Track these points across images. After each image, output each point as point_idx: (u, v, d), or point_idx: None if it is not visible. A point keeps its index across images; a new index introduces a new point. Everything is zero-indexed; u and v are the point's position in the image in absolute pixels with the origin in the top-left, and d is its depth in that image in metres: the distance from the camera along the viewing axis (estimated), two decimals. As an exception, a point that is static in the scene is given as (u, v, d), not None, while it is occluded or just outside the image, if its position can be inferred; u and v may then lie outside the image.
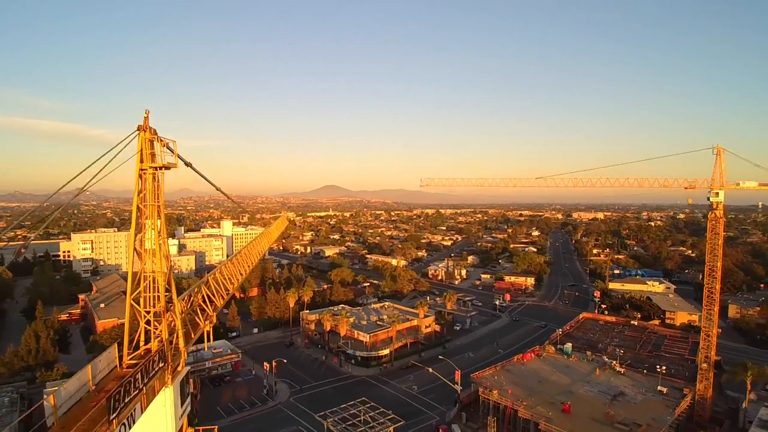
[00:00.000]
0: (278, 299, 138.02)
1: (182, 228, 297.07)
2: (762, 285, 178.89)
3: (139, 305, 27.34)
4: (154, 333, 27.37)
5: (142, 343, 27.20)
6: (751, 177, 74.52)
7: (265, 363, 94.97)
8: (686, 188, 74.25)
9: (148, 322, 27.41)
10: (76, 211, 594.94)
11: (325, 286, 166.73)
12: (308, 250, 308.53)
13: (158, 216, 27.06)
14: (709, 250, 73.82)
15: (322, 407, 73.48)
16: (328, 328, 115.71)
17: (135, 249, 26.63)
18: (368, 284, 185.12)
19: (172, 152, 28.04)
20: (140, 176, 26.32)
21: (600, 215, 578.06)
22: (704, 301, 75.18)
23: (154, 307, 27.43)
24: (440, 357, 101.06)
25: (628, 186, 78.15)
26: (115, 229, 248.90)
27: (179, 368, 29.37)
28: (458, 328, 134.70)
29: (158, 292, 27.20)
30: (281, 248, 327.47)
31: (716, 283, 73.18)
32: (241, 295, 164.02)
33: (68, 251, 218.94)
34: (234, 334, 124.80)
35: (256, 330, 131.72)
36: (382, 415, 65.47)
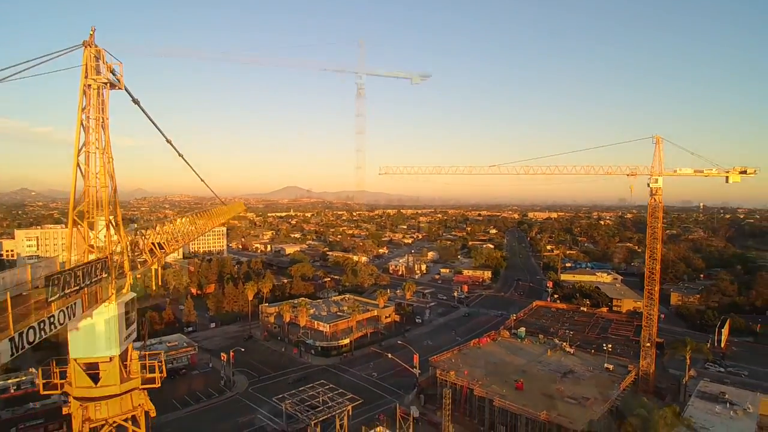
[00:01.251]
0: (236, 293, 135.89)
1: (135, 225, 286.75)
2: (702, 275, 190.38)
3: (81, 222, 27.27)
4: (98, 248, 27.50)
5: None
6: (687, 165, 79.97)
7: (222, 354, 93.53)
8: (628, 175, 78.73)
9: (91, 246, 27.27)
10: (20, 212, 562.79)
11: (285, 281, 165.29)
12: (268, 248, 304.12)
13: (103, 130, 27.10)
14: (650, 233, 78.58)
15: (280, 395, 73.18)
16: (288, 320, 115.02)
17: (78, 166, 26.56)
18: (329, 279, 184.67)
19: (115, 75, 27.99)
20: (84, 92, 26.31)
21: (554, 215, 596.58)
22: (645, 282, 79.91)
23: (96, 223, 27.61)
24: (399, 342, 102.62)
25: (575, 173, 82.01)
26: (63, 226, 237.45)
27: (123, 291, 29.51)
28: (419, 321, 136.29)
29: (101, 210, 27.34)
30: (240, 247, 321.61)
31: (656, 264, 77.96)
32: (198, 292, 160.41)
33: (12, 250, 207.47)
34: (190, 329, 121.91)
35: (213, 325, 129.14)
36: (340, 395, 66.02)
